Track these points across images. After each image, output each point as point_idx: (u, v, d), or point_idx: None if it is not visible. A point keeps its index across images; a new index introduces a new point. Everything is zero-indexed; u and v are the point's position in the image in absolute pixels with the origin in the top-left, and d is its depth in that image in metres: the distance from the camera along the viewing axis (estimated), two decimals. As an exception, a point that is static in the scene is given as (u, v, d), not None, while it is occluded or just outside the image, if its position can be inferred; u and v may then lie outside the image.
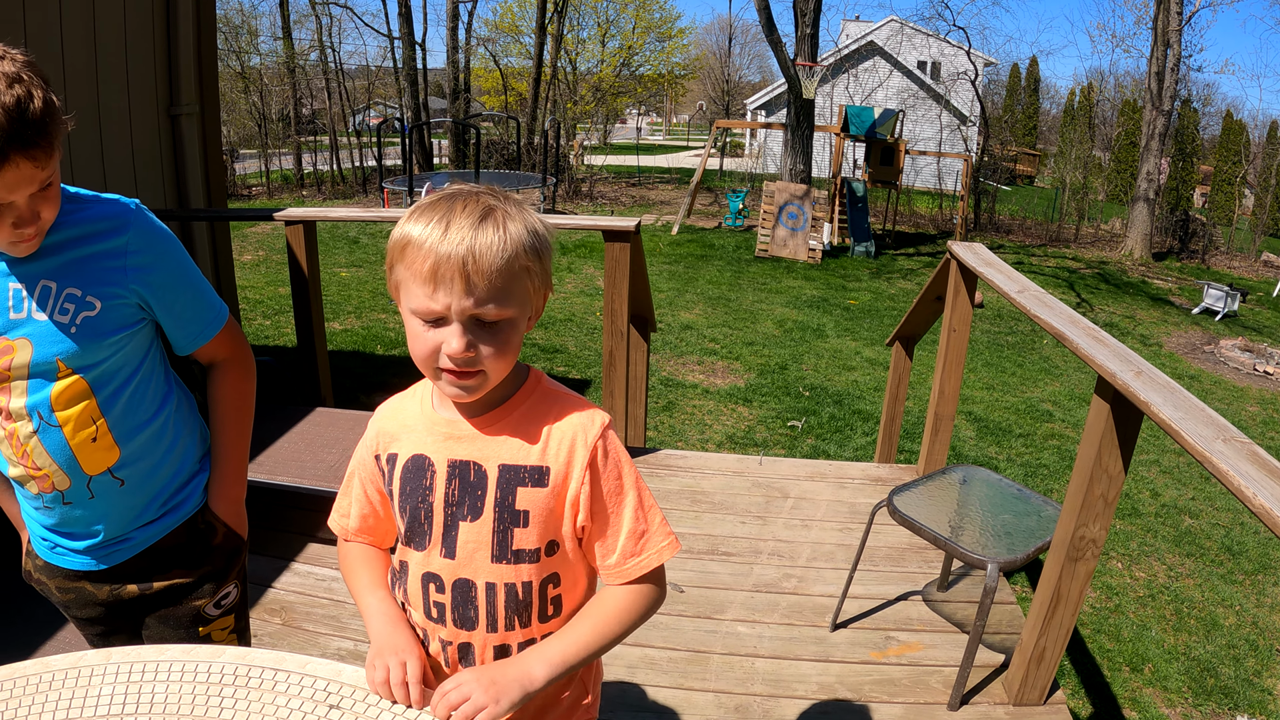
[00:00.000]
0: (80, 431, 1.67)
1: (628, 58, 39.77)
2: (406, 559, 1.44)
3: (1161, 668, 4.33)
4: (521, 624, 1.42)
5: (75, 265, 1.62)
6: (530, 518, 1.36)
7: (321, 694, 1.38)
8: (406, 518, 1.40)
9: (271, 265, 12.75)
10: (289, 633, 3.28)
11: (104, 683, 1.41)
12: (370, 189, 23.20)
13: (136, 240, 1.67)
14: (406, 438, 1.42)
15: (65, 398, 1.64)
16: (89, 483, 1.71)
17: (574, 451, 1.36)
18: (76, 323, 1.62)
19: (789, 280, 13.68)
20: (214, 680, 1.42)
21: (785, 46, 16.15)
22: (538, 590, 1.41)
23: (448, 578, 1.39)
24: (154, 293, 1.71)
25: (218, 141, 5.75)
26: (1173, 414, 2.16)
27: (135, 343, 1.73)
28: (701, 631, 3.34)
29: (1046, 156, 35.69)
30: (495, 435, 1.36)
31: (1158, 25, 19.42)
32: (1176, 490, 6.66)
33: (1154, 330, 12.79)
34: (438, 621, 1.43)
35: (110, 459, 1.71)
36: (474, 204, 1.25)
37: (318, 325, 4.85)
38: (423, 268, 1.21)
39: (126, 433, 1.73)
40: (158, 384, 1.80)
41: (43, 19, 4.11)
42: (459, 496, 1.36)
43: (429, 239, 1.21)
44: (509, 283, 1.24)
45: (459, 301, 1.22)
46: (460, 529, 1.37)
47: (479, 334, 1.25)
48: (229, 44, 26.98)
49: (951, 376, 4.27)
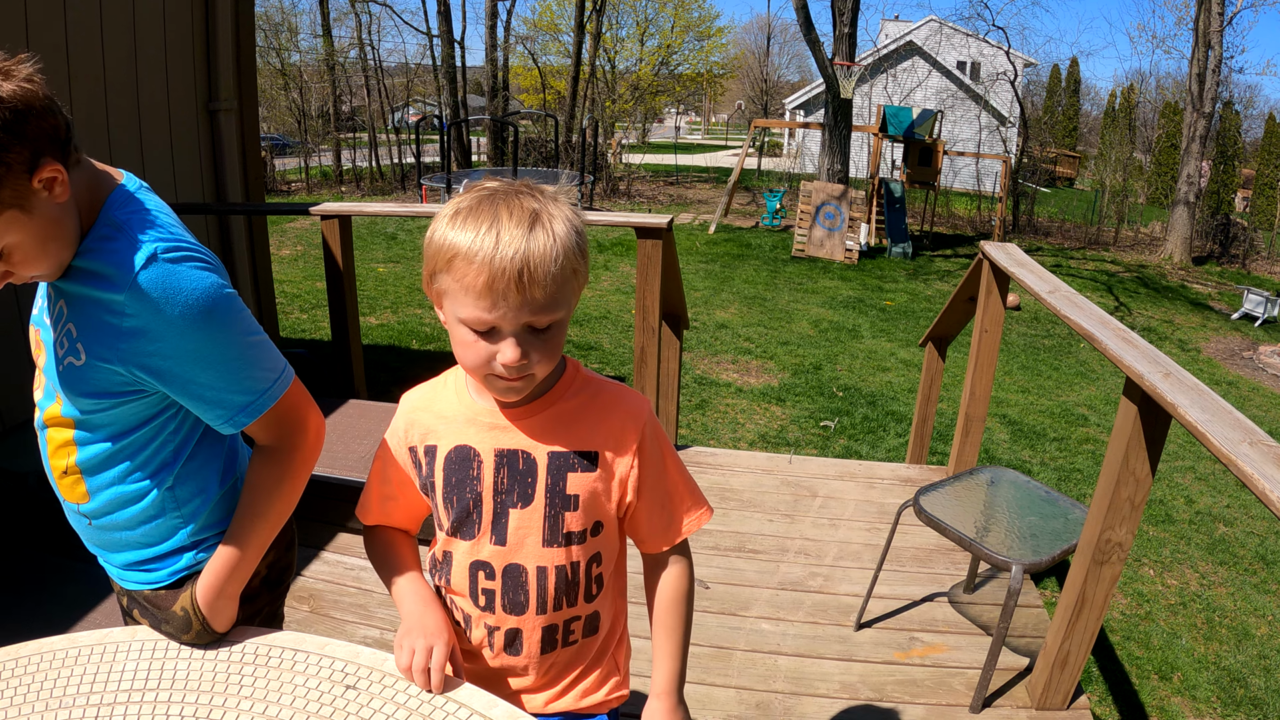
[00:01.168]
0: (57, 458, 1.56)
1: (666, 56, 39.77)
2: (451, 549, 1.45)
3: (1191, 677, 4.28)
4: (569, 604, 1.45)
5: (81, 302, 1.42)
6: (579, 501, 1.39)
7: (339, 674, 1.41)
8: (454, 508, 1.41)
9: (310, 260, 12.86)
10: (316, 620, 3.31)
11: (129, 659, 1.45)
12: (409, 185, 23.33)
13: (134, 305, 1.36)
14: (445, 429, 1.42)
15: (54, 422, 1.54)
16: (63, 503, 1.62)
17: (621, 436, 1.41)
18: (65, 362, 1.46)
19: (825, 280, 13.65)
20: (235, 659, 1.45)
21: (823, 46, 16.09)
22: (584, 570, 1.45)
23: (498, 564, 1.41)
24: (152, 372, 1.42)
25: (256, 137, 5.81)
26: (1200, 416, 2.14)
27: (129, 409, 1.50)
28: (725, 628, 3.34)
29: (1086, 158, 35.38)
30: (541, 423, 1.38)
31: (1199, 26, 19.20)
32: (1211, 498, 6.58)
33: (1193, 335, 12.65)
34: (486, 609, 1.44)
35: (79, 498, 1.58)
36: (519, 209, 1.21)
37: (352, 318, 4.89)
38: (476, 281, 1.19)
39: (97, 484, 1.55)
40: (156, 455, 1.56)
41: (83, 15, 4.18)
42: (508, 484, 1.38)
43: (480, 251, 1.18)
44: (561, 288, 1.24)
45: (516, 314, 1.21)
46: (510, 516, 1.39)
47: (532, 341, 1.24)
48: (269, 41, 27.23)
49: (983, 377, 4.25)
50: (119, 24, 4.44)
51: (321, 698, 1.36)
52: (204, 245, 1.52)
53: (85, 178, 1.42)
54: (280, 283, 9.93)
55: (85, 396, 1.45)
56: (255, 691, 1.38)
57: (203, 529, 1.63)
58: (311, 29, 34.96)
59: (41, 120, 1.28)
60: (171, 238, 1.42)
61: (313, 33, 31.31)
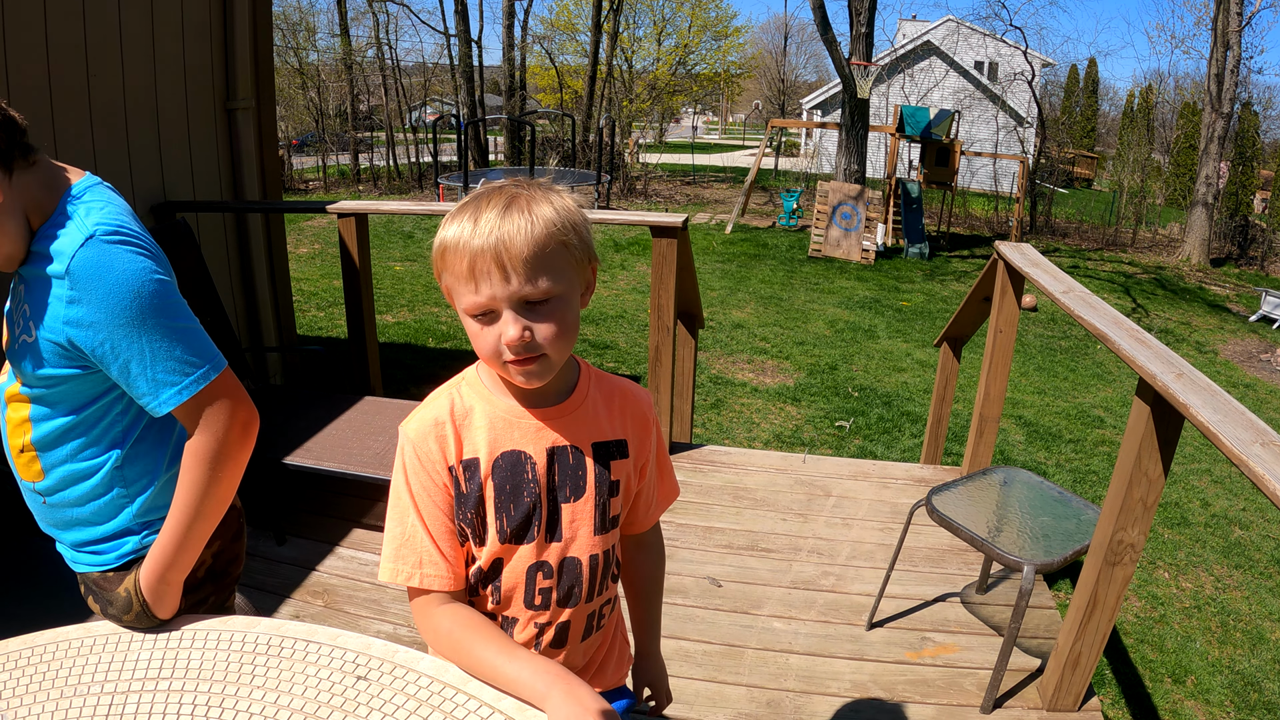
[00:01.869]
0: (15, 436, 1.65)
1: (683, 56, 39.74)
2: (502, 555, 1.40)
3: (1204, 680, 4.27)
4: (604, 588, 1.50)
5: (33, 284, 1.54)
6: (621, 486, 1.46)
7: (350, 665, 1.43)
8: (511, 515, 1.38)
9: (327, 258, 12.92)
10: (330, 614, 3.34)
11: (143, 648, 1.47)
12: (426, 185, 23.38)
13: (73, 282, 1.49)
14: (478, 437, 1.38)
15: (12, 399, 1.64)
16: (19, 483, 1.71)
17: (642, 422, 1.51)
18: (20, 340, 1.57)
19: (841, 281, 13.63)
20: (248, 649, 1.47)
21: (840, 46, 16.06)
22: (613, 552, 1.50)
23: (555, 561, 1.42)
24: (89, 349, 1.52)
25: (274, 136, 5.84)
26: (1211, 417, 2.14)
27: (79, 385, 1.59)
28: (737, 626, 3.35)
29: (1104, 159, 35.21)
30: (579, 417, 1.42)
31: (1217, 26, 19.09)
32: (1227, 500, 6.56)
33: (1210, 337, 12.59)
34: (540, 608, 1.43)
35: (34, 476, 1.67)
36: (498, 196, 1.27)
37: (368, 316, 4.91)
38: (462, 266, 1.24)
39: (50, 463, 1.65)
40: (106, 433, 1.65)
41: (101, 14, 4.20)
42: (560, 480, 1.40)
43: (461, 237, 1.24)
44: (546, 260, 1.25)
45: (500, 289, 1.23)
46: (563, 511, 1.41)
47: (530, 316, 1.26)
48: (287, 41, 27.35)
49: (998, 378, 4.25)
50: (137, 24, 4.47)
51: (333, 688, 1.38)
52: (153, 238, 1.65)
53: (42, 177, 1.56)
54: (297, 280, 9.97)
55: (36, 371, 1.56)
56: (268, 681, 1.39)
57: (148, 511, 1.71)
58: (329, 28, 35.20)
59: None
60: (112, 223, 1.54)
61: (330, 32, 31.53)
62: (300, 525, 3.96)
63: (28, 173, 1.53)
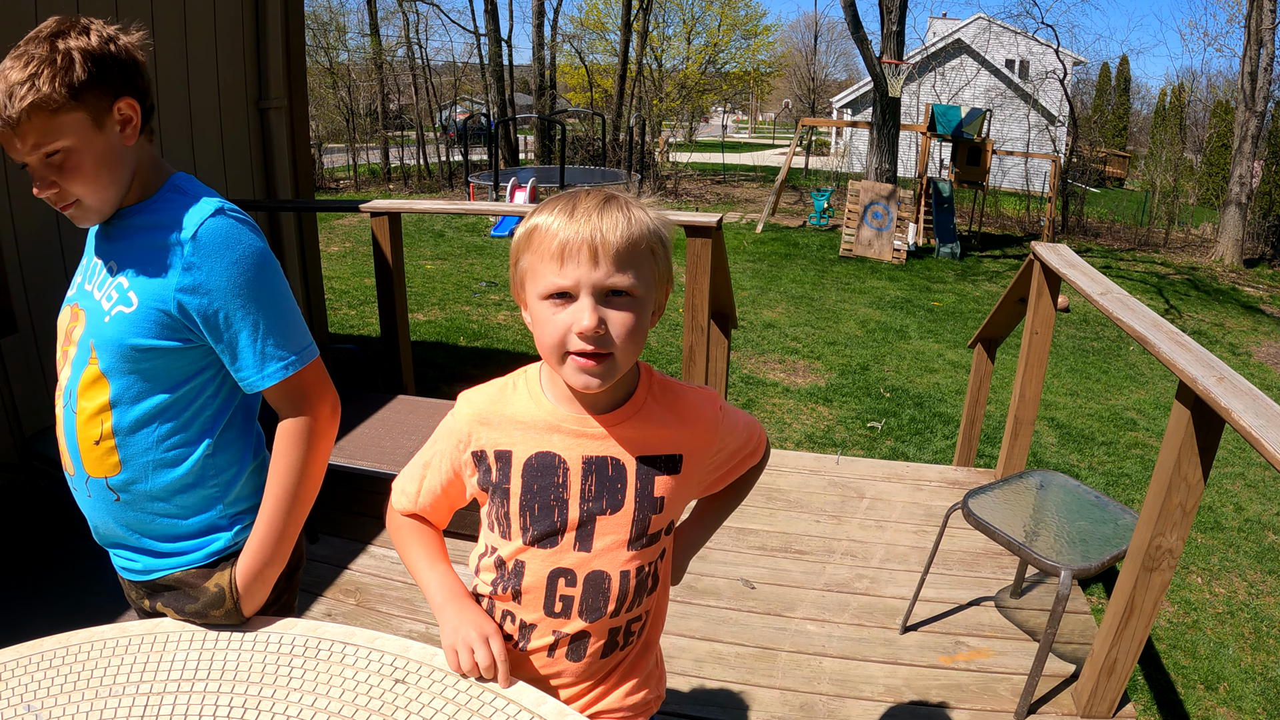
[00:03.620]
0: (89, 428, 1.60)
1: (713, 55, 39.65)
2: (524, 557, 1.42)
3: (1237, 687, 4.21)
4: (638, 604, 1.47)
5: (135, 254, 1.56)
6: (665, 503, 1.42)
7: (389, 668, 1.43)
8: (535, 517, 1.39)
9: (358, 257, 12.97)
10: (362, 613, 3.34)
11: (178, 649, 1.47)
12: (456, 184, 23.45)
13: (196, 248, 1.53)
14: (521, 434, 1.40)
15: (86, 386, 1.59)
16: (87, 481, 1.64)
17: (703, 435, 1.46)
18: (111, 314, 1.56)
19: (873, 280, 13.56)
20: (284, 650, 1.47)
21: (871, 44, 15.99)
22: (653, 568, 1.47)
23: (581, 571, 1.40)
24: (199, 314, 1.55)
25: (305, 135, 5.87)
26: (1254, 422, 2.11)
27: (173, 362, 1.59)
28: (771, 629, 3.34)
29: (1136, 158, 34.89)
30: (628, 430, 1.39)
31: (1250, 24, 18.83)
32: (1261, 505, 6.47)
33: (1243, 339, 12.44)
34: (560, 615, 1.43)
35: (109, 469, 1.62)
36: (596, 194, 1.30)
37: (401, 315, 4.93)
38: (550, 246, 1.25)
39: (132, 452, 1.61)
40: (196, 419, 1.64)
41: (134, 15, 4.23)
42: (595, 491, 1.38)
43: (556, 222, 1.27)
44: (635, 259, 1.27)
45: (588, 274, 1.24)
46: (598, 523, 1.39)
47: (607, 310, 1.26)
48: (317, 40, 27.46)
49: (1033, 380, 4.21)
50: (171, 24, 4.50)
51: (370, 691, 1.38)
52: None
53: (153, 155, 1.63)
54: (329, 279, 10.01)
55: (136, 340, 1.54)
56: (304, 684, 1.39)
57: (235, 501, 1.70)
58: (360, 28, 35.30)
59: (139, 73, 1.55)
60: (232, 205, 1.60)
61: (361, 32, 31.61)
62: (332, 523, 3.97)
63: (148, 143, 1.61)
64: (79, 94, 1.44)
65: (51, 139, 1.45)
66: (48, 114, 1.42)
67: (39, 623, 1.57)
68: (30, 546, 3.42)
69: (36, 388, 3.99)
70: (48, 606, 3.08)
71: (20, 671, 1.41)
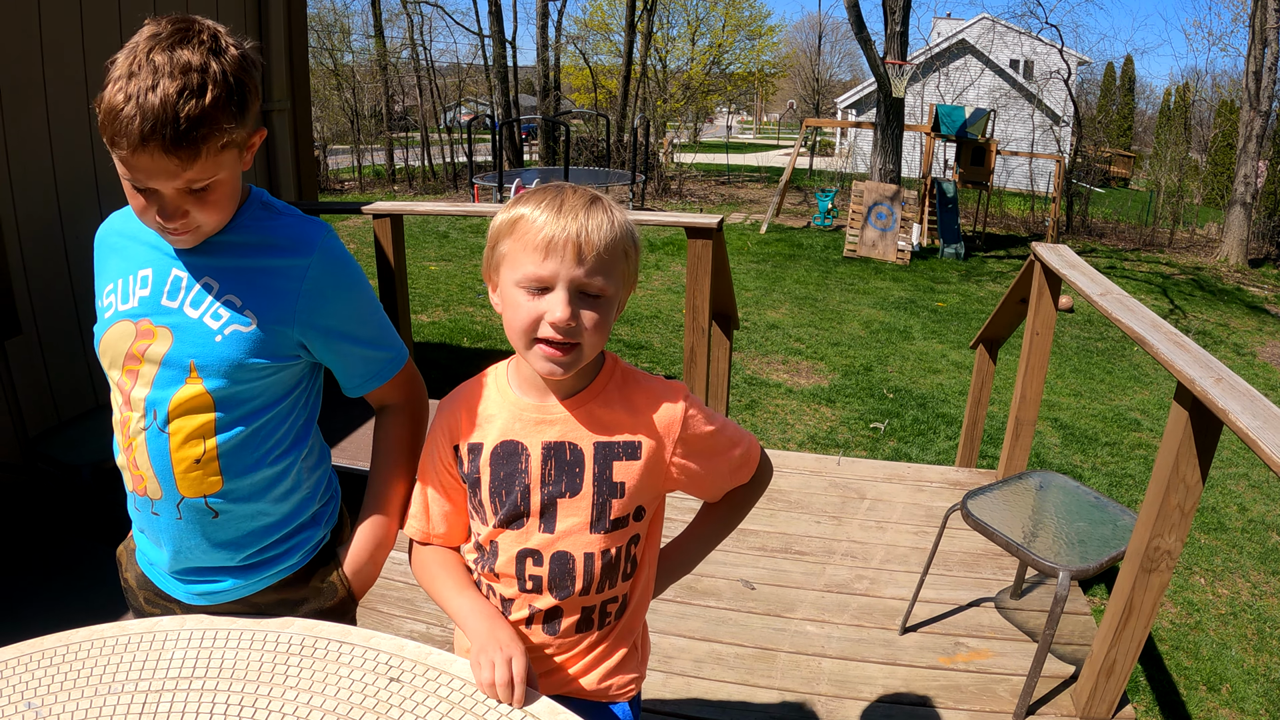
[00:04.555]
0: (187, 448, 1.51)
1: (717, 56, 39.70)
2: (497, 539, 1.48)
3: (1240, 689, 4.21)
4: (610, 585, 1.51)
5: (245, 273, 1.51)
6: (626, 489, 1.45)
7: (384, 667, 1.44)
8: (503, 501, 1.46)
9: (362, 258, 12.99)
10: (363, 614, 3.35)
11: (177, 647, 1.48)
12: (460, 185, 23.48)
13: (319, 267, 1.53)
14: (489, 426, 1.48)
15: (184, 406, 1.50)
16: (179, 503, 1.55)
17: (663, 424, 1.47)
18: (224, 332, 1.49)
19: (877, 281, 13.57)
20: (280, 649, 1.48)
21: (875, 45, 16.00)
22: (625, 552, 1.50)
23: (546, 552, 1.46)
24: (320, 332, 1.56)
25: (309, 137, 5.89)
26: (1250, 422, 2.12)
27: (280, 377, 1.58)
28: (770, 629, 3.35)
29: (1141, 158, 34.83)
30: (586, 415, 1.45)
31: (1255, 23, 18.78)
32: (1265, 505, 6.47)
33: (1248, 339, 12.42)
34: (532, 591, 1.49)
35: (210, 487, 1.55)
36: (582, 192, 1.37)
37: (404, 316, 4.94)
38: (536, 238, 1.31)
39: (236, 467, 1.55)
40: (293, 428, 1.64)
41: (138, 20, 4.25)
42: (555, 475, 1.44)
43: (543, 215, 1.32)
44: (613, 261, 1.35)
45: (570, 270, 1.31)
46: (559, 506, 1.44)
47: (581, 304, 1.33)
48: (321, 42, 27.50)
49: (1034, 380, 4.22)
50: (176, 25, 4.52)
51: (366, 689, 1.39)
52: None
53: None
54: (333, 280, 10.02)
55: (253, 358, 1.51)
56: (300, 682, 1.40)
57: (320, 499, 1.74)
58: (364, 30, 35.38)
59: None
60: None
61: (365, 33, 31.70)
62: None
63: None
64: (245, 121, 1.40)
65: (211, 173, 1.39)
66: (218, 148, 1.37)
67: (42, 621, 1.58)
68: (33, 546, 3.44)
69: (41, 389, 4.01)
70: (50, 605, 3.10)
71: (21, 669, 1.42)
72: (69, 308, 4.09)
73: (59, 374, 4.05)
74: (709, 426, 1.52)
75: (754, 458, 1.61)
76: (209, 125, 1.32)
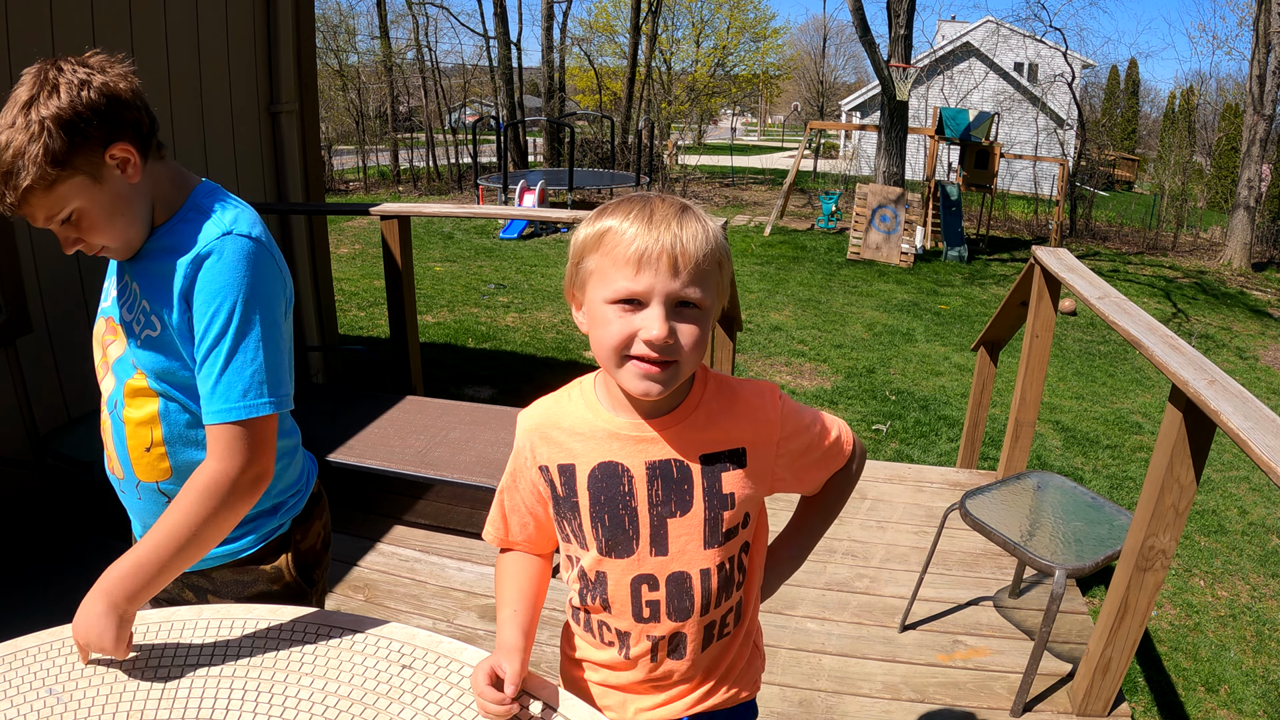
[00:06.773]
0: (138, 435, 1.66)
1: (722, 58, 39.74)
2: (605, 569, 1.42)
3: (1238, 690, 4.25)
4: (726, 598, 1.46)
5: (156, 279, 1.58)
6: (735, 499, 1.40)
7: (395, 654, 1.49)
8: (606, 527, 1.40)
9: (368, 259, 13.05)
10: (370, 609, 3.40)
11: (194, 634, 1.53)
12: (465, 185, 23.51)
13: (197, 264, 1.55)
14: (582, 446, 1.40)
15: (134, 398, 1.64)
16: (138, 486, 1.70)
17: (764, 427, 1.41)
18: (142, 337, 1.61)
19: (880, 284, 13.59)
20: (296, 637, 1.53)
21: (879, 48, 16.02)
22: (736, 562, 1.46)
23: (661, 575, 1.41)
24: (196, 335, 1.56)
25: (316, 138, 5.93)
26: (1242, 424, 2.16)
27: None
28: (771, 626, 3.38)
29: (1145, 161, 34.82)
30: (686, 430, 1.38)
31: (1259, 27, 18.76)
32: (1265, 508, 6.50)
33: (1251, 343, 12.43)
34: (650, 620, 1.43)
35: (161, 474, 1.68)
36: (671, 202, 1.29)
37: (410, 317, 4.98)
38: (626, 251, 1.22)
39: (182, 456, 1.67)
40: None
41: (148, 23, 4.30)
42: (664, 495, 1.38)
43: (633, 227, 1.23)
44: (709, 271, 1.26)
45: (665, 283, 1.23)
46: (670, 526, 1.39)
47: (677, 318, 1.25)
48: (327, 43, 27.59)
49: (1034, 382, 4.25)
50: (183, 29, 4.56)
51: (379, 675, 1.43)
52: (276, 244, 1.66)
53: (170, 172, 1.63)
54: (338, 281, 10.09)
55: (169, 359, 1.60)
56: (315, 669, 1.45)
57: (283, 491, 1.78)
58: (369, 30, 35.54)
59: (123, 109, 1.51)
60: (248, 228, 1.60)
61: (370, 34, 31.78)
62: (342, 521, 4.02)
63: (159, 165, 1.61)
64: (65, 163, 1.44)
65: (58, 208, 1.49)
66: (44, 191, 1.45)
67: (60, 612, 1.62)
68: (48, 541, 3.48)
69: (51, 386, 4.05)
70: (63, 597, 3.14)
71: (42, 657, 1.46)
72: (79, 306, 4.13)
73: (69, 372, 4.09)
74: (804, 420, 1.48)
75: (847, 441, 1.55)
76: (22, 178, 1.42)
